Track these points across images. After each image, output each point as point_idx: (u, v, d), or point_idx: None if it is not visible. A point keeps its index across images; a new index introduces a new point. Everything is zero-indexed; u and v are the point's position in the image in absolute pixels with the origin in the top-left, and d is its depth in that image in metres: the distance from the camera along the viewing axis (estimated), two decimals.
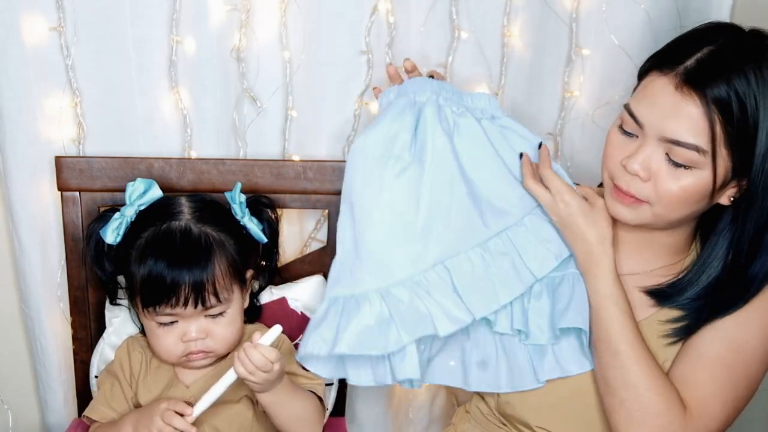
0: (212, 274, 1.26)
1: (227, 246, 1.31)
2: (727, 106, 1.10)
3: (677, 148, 1.13)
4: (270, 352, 1.19)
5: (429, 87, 1.33)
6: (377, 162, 1.29)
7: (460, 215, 1.28)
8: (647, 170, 1.16)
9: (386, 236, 1.26)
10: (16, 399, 1.67)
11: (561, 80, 1.56)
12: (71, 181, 1.43)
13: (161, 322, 1.28)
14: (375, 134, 1.29)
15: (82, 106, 1.46)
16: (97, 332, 1.48)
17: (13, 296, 1.61)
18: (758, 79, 1.10)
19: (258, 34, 1.48)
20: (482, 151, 1.30)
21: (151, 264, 1.26)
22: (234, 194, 1.37)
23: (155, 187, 1.36)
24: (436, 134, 1.28)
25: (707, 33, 1.17)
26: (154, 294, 1.25)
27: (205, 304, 1.26)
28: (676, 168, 1.14)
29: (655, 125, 1.14)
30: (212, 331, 1.29)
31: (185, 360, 1.31)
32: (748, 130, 1.11)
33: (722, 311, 1.20)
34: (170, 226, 1.30)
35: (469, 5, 1.51)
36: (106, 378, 1.38)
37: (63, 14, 1.41)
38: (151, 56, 1.45)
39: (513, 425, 1.34)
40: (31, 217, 1.48)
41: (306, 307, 1.48)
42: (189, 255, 1.26)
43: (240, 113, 1.52)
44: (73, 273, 1.46)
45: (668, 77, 1.14)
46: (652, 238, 1.27)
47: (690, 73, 1.12)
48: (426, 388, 1.73)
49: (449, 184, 1.28)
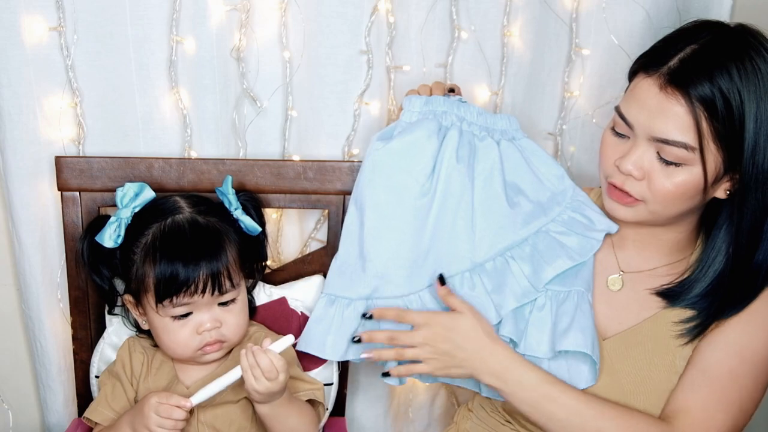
0: (226, 260, 1.29)
1: (231, 234, 1.33)
2: (711, 103, 1.11)
3: (667, 147, 1.14)
4: (278, 360, 1.20)
5: (455, 111, 1.38)
6: (398, 181, 1.35)
7: (459, 240, 1.34)
8: (640, 170, 1.18)
9: (394, 255, 1.35)
10: (16, 399, 1.67)
11: (561, 80, 1.56)
12: (71, 181, 1.43)
13: (175, 315, 1.28)
14: (398, 149, 1.35)
15: (82, 106, 1.46)
16: (97, 332, 1.48)
17: (13, 296, 1.61)
18: (741, 74, 1.11)
19: (258, 34, 1.48)
20: (491, 176, 1.35)
21: (166, 260, 1.26)
22: (225, 187, 1.38)
23: (147, 189, 1.36)
24: (450, 165, 1.34)
25: (691, 32, 1.18)
26: (170, 288, 1.26)
27: (222, 289, 1.28)
28: (667, 166, 1.16)
29: (644, 125, 1.16)
30: (225, 320, 1.30)
31: (200, 353, 1.31)
32: (734, 125, 1.12)
33: (732, 307, 1.20)
34: (175, 220, 1.30)
35: (469, 5, 1.51)
36: (108, 379, 1.38)
37: (63, 14, 1.41)
38: (151, 56, 1.45)
39: (518, 422, 1.34)
40: (31, 217, 1.48)
41: (306, 307, 1.48)
42: (203, 245, 1.28)
43: (240, 113, 1.52)
44: (73, 273, 1.46)
45: (653, 78, 1.16)
46: (654, 235, 1.27)
47: (673, 73, 1.14)
48: (426, 388, 1.73)
49: (454, 212, 1.34)
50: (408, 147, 1.35)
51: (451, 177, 1.34)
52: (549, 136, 1.60)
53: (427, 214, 1.34)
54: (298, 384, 1.36)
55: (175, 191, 1.40)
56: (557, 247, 1.31)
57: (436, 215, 1.34)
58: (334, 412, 1.54)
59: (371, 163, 1.37)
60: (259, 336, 1.38)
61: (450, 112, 1.37)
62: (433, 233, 1.34)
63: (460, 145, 1.35)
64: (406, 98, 1.40)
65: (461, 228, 1.34)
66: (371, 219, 1.36)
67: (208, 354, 1.31)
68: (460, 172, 1.34)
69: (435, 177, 1.35)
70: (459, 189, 1.34)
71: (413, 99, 1.39)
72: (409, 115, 1.38)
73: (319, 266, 1.52)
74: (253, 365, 1.19)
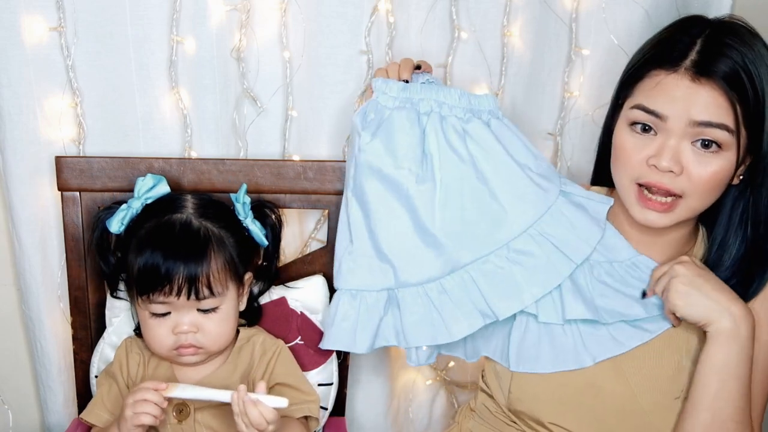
0: (207, 267, 1.27)
1: (226, 243, 1.31)
2: (741, 87, 1.15)
3: (708, 130, 1.16)
4: (269, 414, 1.18)
5: (432, 95, 1.35)
6: (393, 175, 1.34)
7: (475, 223, 1.33)
8: (678, 163, 1.18)
9: (405, 242, 1.35)
10: (16, 399, 1.67)
11: (561, 80, 1.56)
12: (71, 181, 1.43)
13: (154, 312, 1.28)
14: (383, 148, 1.35)
15: (82, 106, 1.46)
16: (97, 332, 1.48)
17: (13, 296, 1.61)
18: (756, 58, 1.16)
19: (258, 34, 1.48)
20: (495, 152, 1.34)
21: (148, 252, 1.26)
22: (239, 195, 1.38)
23: (163, 183, 1.37)
24: (442, 152, 1.33)
25: (689, 27, 1.22)
26: (148, 282, 1.26)
27: (198, 295, 1.26)
28: (703, 155, 1.18)
29: (681, 113, 1.17)
30: (203, 326, 1.29)
31: (176, 354, 1.30)
32: (759, 107, 1.16)
33: (754, 288, 1.23)
34: (171, 218, 1.31)
35: (469, 5, 1.51)
36: (105, 379, 1.38)
37: (63, 14, 1.41)
38: (151, 56, 1.45)
39: (524, 422, 1.34)
40: (31, 217, 1.48)
41: (306, 307, 1.48)
42: (185, 246, 1.27)
43: (240, 113, 1.52)
44: (73, 273, 1.46)
45: (678, 73, 1.18)
46: (661, 234, 1.29)
47: (699, 64, 1.17)
48: (426, 387, 1.73)
49: (459, 195, 1.33)
50: (391, 143, 1.34)
51: (445, 164, 1.33)
52: (549, 136, 1.60)
53: (432, 200, 1.33)
54: (295, 395, 1.34)
55: (175, 191, 1.40)
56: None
57: (443, 202, 1.33)
58: (334, 412, 1.54)
59: (365, 162, 1.35)
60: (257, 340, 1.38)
61: (428, 99, 1.35)
62: (442, 220, 1.33)
63: (444, 130, 1.34)
64: (380, 81, 1.37)
65: (474, 213, 1.33)
66: (377, 211, 1.35)
67: (183, 357, 1.31)
68: (452, 159, 1.33)
69: (429, 164, 1.33)
70: (458, 175, 1.33)
71: (390, 83, 1.36)
72: (385, 98, 1.36)
73: (320, 266, 1.52)
74: (242, 413, 1.18)
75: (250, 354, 1.36)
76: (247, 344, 1.37)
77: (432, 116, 1.34)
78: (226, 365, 1.35)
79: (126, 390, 1.35)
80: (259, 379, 1.30)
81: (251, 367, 1.35)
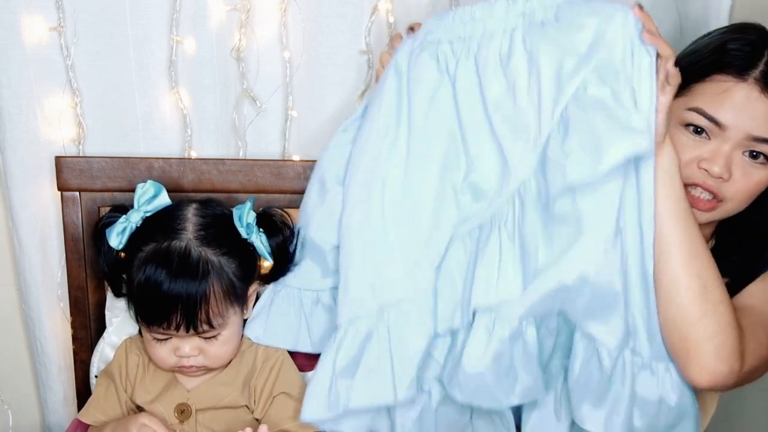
0: (206, 304, 1.23)
1: (226, 270, 1.26)
2: None
3: (762, 145, 1.18)
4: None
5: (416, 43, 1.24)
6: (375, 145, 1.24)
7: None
8: (728, 171, 1.20)
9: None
10: (16, 399, 1.67)
11: None
12: (71, 181, 1.43)
13: (155, 338, 1.28)
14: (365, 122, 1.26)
15: (82, 106, 1.46)
16: (97, 332, 1.48)
17: (13, 296, 1.61)
18: None
19: (258, 34, 1.48)
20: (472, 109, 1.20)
21: (146, 286, 1.23)
22: (243, 213, 1.31)
23: (164, 194, 1.32)
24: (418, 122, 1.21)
25: (748, 36, 1.21)
26: (147, 315, 1.25)
27: (197, 330, 1.24)
28: (751, 165, 1.20)
29: (743, 126, 1.18)
30: (206, 350, 1.28)
31: (179, 370, 1.31)
32: None
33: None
34: (170, 247, 1.25)
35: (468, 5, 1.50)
36: (103, 379, 1.38)
37: (63, 14, 1.41)
38: (151, 56, 1.45)
39: None
40: (31, 217, 1.48)
41: None
42: (183, 283, 1.22)
43: (240, 113, 1.52)
44: (73, 273, 1.46)
45: (748, 83, 1.18)
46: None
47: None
48: None
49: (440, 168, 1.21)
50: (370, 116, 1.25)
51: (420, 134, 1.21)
52: None
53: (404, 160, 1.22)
54: (297, 406, 1.28)
55: (175, 191, 1.40)
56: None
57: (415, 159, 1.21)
58: None
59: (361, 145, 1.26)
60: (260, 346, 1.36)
61: (403, 50, 1.24)
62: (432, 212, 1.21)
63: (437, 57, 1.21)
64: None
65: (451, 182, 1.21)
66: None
67: (186, 374, 1.31)
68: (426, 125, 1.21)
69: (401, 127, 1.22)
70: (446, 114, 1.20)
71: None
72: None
73: None
74: None
75: (252, 359, 1.34)
76: (249, 349, 1.35)
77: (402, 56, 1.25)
78: (228, 369, 1.34)
79: (123, 392, 1.34)
80: (260, 387, 1.31)
81: (253, 372, 1.33)
